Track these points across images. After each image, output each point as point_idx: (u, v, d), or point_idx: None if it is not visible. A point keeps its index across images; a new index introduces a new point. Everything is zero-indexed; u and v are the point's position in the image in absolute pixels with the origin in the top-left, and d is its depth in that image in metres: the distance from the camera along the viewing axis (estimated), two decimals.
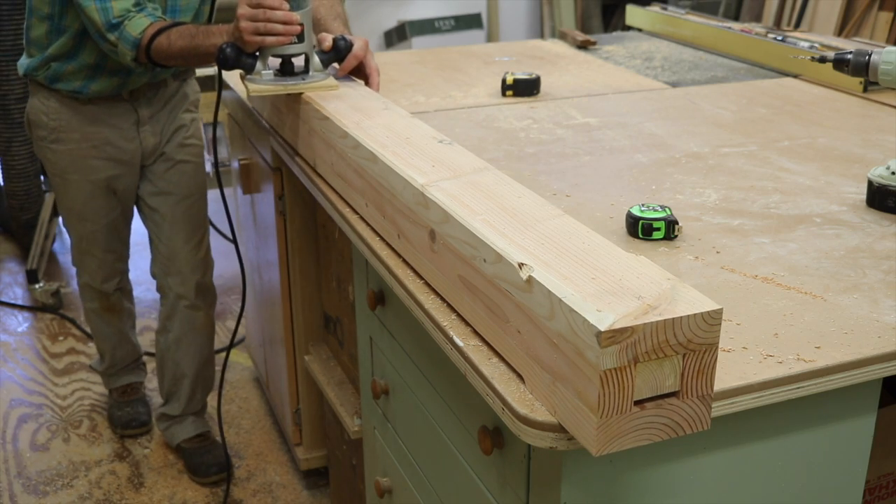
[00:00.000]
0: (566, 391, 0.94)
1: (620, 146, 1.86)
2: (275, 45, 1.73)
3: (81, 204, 2.35)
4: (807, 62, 2.11)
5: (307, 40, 1.77)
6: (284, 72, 1.79)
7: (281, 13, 1.70)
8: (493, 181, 1.28)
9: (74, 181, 2.32)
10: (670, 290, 0.93)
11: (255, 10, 1.70)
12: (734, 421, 1.06)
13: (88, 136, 2.28)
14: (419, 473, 1.51)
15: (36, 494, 2.51)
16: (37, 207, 3.80)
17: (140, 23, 1.97)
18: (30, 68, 2.23)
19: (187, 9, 2.20)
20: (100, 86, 2.21)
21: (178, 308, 2.49)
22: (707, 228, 1.44)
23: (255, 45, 1.73)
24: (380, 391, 1.62)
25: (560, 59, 2.69)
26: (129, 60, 2.00)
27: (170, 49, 1.94)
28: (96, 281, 2.51)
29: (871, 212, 1.51)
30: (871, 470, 1.22)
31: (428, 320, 1.22)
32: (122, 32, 1.96)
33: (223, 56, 1.75)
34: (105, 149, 2.30)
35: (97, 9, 1.97)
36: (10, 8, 3.44)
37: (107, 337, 2.67)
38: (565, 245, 1.06)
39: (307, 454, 2.45)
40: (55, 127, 2.26)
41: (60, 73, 2.19)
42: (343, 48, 1.83)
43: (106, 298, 2.57)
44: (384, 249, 1.41)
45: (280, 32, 1.71)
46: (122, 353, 2.72)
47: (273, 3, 1.70)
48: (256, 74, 1.77)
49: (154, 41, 1.95)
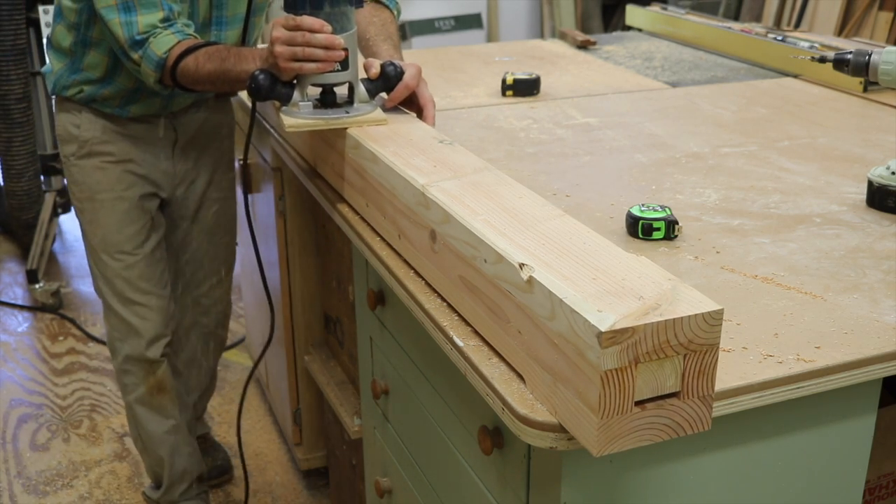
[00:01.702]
0: (567, 392, 0.94)
1: (620, 146, 1.86)
2: (315, 72, 1.51)
3: (115, 230, 2.04)
4: (807, 62, 2.11)
5: (352, 67, 1.54)
6: (325, 103, 1.57)
7: (322, 37, 1.48)
8: (493, 181, 1.28)
9: (107, 201, 2.03)
10: (671, 291, 0.93)
11: (292, 33, 1.49)
12: (734, 421, 1.06)
13: (122, 151, 2.03)
14: (419, 473, 1.51)
15: (36, 494, 2.51)
16: (37, 207, 3.80)
17: (166, 41, 1.74)
18: (59, 87, 1.99)
19: (234, 20, 1.96)
20: (140, 108, 2.00)
21: (192, 331, 2.31)
22: (707, 228, 1.44)
23: (291, 73, 1.52)
24: (380, 391, 1.62)
25: (560, 59, 2.69)
26: (152, 82, 1.78)
27: (197, 72, 1.71)
28: (141, 344, 2.10)
29: (871, 212, 1.51)
30: (871, 470, 1.22)
31: (428, 320, 1.22)
32: (147, 51, 1.74)
33: (255, 85, 1.53)
34: (141, 164, 2.05)
35: (120, 23, 1.75)
36: (11, 8, 3.44)
37: (160, 436, 2.20)
38: (566, 245, 1.06)
39: (307, 454, 2.45)
40: (87, 139, 2.01)
41: (95, 97, 1.97)
42: (392, 76, 1.59)
43: (153, 374, 2.14)
44: (384, 249, 1.41)
45: (321, 59, 1.49)
46: (184, 461, 2.24)
47: (313, 25, 1.48)
48: (293, 106, 1.55)
49: (181, 62, 1.72)
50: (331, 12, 1.50)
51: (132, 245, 2.06)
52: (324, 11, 1.50)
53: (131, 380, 2.15)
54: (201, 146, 2.15)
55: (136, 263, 2.06)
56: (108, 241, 2.05)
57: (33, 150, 3.71)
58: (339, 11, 1.51)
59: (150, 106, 2.00)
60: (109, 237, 2.04)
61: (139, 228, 2.06)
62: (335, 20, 1.50)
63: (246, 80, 1.58)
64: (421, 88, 1.64)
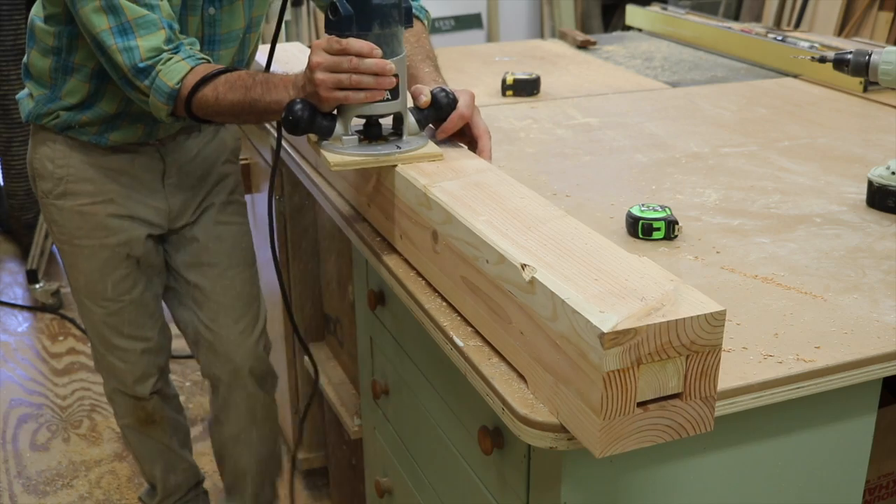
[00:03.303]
0: (569, 393, 0.94)
1: (620, 146, 1.86)
2: (362, 102, 1.33)
3: (97, 279, 1.85)
4: (807, 62, 2.11)
5: (401, 95, 1.37)
6: (370, 135, 1.40)
7: (372, 62, 1.30)
8: (495, 182, 1.28)
9: (86, 248, 1.83)
10: (673, 292, 0.93)
11: (337, 57, 1.30)
12: (734, 421, 1.06)
13: (103, 189, 1.80)
14: (419, 473, 1.51)
15: (36, 494, 2.51)
16: (37, 207, 3.79)
17: (177, 69, 1.51)
18: (32, 115, 1.78)
19: (229, 39, 1.75)
20: (121, 135, 1.77)
21: (233, 397, 2.04)
22: (707, 228, 1.45)
23: (334, 104, 1.34)
24: (380, 391, 1.62)
25: (560, 59, 2.69)
26: (164, 116, 1.55)
27: (218, 104, 1.49)
28: (126, 383, 1.98)
29: (871, 212, 1.51)
30: (871, 470, 1.22)
31: (428, 320, 1.22)
32: (156, 81, 1.51)
33: (293, 117, 1.33)
34: (124, 204, 1.82)
35: (119, 49, 1.52)
36: (10, 8, 3.44)
37: (153, 457, 2.12)
38: (568, 246, 1.06)
39: (307, 454, 2.45)
40: (62, 177, 1.79)
41: (72, 123, 1.76)
42: (445, 104, 1.41)
43: (141, 408, 2.03)
44: (384, 249, 1.41)
45: (370, 87, 1.31)
46: (178, 476, 2.17)
47: (362, 49, 1.29)
48: (335, 140, 1.37)
49: (197, 93, 1.50)
50: (380, 34, 1.32)
51: (116, 292, 1.88)
52: (372, 33, 1.32)
53: (119, 409, 2.07)
54: (197, 175, 1.91)
55: (120, 310, 1.89)
56: (90, 287, 1.87)
57: None
58: (389, 33, 1.33)
59: (132, 133, 1.77)
60: (91, 284, 1.87)
61: (124, 276, 1.87)
62: (385, 43, 1.32)
63: (276, 111, 1.41)
64: (475, 118, 1.45)
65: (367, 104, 1.33)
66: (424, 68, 1.59)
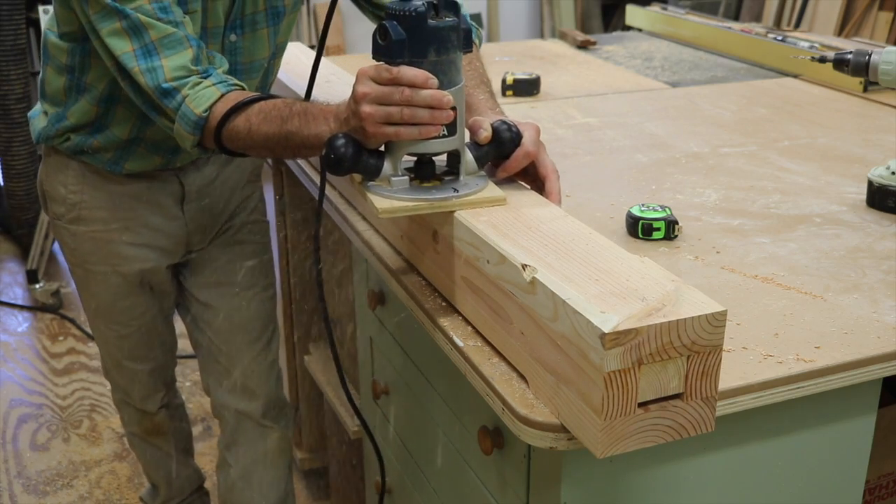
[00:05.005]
0: (570, 393, 0.94)
1: (620, 146, 1.86)
2: (415, 139, 1.16)
3: (109, 303, 1.78)
4: (807, 62, 2.11)
5: (459, 130, 1.18)
6: (423, 175, 1.22)
7: (428, 93, 1.13)
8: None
9: (99, 273, 1.75)
10: (674, 292, 0.93)
11: (387, 88, 1.13)
12: (734, 421, 1.06)
13: (119, 216, 1.70)
14: (419, 473, 1.51)
15: (36, 494, 2.52)
16: (37, 207, 3.80)
17: (205, 95, 1.35)
18: (43, 136, 1.68)
19: (252, 68, 1.62)
20: (137, 164, 1.66)
21: (242, 431, 1.92)
22: (707, 228, 1.45)
23: (382, 140, 1.18)
24: (380, 391, 1.62)
25: (560, 59, 2.69)
26: (189, 146, 1.40)
27: (251, 136, 1.32)
28: (135, 398, 1.93)
29: (871, 212, 1.51)
30: (871, 470, 1.22)
31: (428, 320, 1.22)
32: (182, 107, 1.36)
33: (336, 155, 1.16)
34: (140, 232, 1.72)
35: (141, 71, 1.37)
36: (10, 8, 3.44)
37: (158, 463, 2.08)
38: (569, 246, 1.06)
39: (307, 454, 2.45)
40: (76, 203, 1.70)
41: (84, 147, 1.64)
42: (507, 141, 1.23)
43: (149, 419, 1.98)
44: (384, 249, 1.41)
45: (426, 121, 1.14)
46: (182, 481, 2.12)
47: (416, 79, 1.12)
48: (383, 181, 1.20)
49: (228, 123, 1.33)
50: (436, 61, 1.14)
51: (127, 317, 1.80)
52: (428, 60, 1.14)
53: (126, 417, 2.02)
54: (217, 199, 1.79)
55: (131, 334, 1.83)
56: (101, 311, 1.81)
57: (33, 151, 3.71)
58: (446, 60, 1.15)
59: (148, 162, 1.66)
60: (102, 308, 1.80)
61: (136, 301, 1.79)
62: (441, 71, 1.14)
63: (314, 146, 1.25)
64: (542, 156, 1.27)
65: (421, 141, 1.16)
66: (479, 95, 1.42)
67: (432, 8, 1.14)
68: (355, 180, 1.23)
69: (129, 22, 1.37)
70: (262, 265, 1.89)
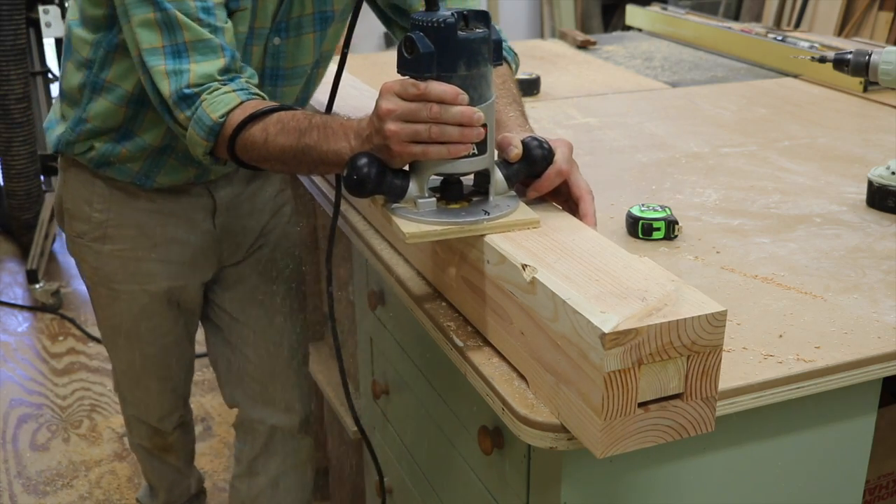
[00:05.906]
0: (570, 393, 0.94)
1: (620, 146, 1.86)
2: (443, 158, 1.08)
3: (133, 322, 1.70)
4: (807, 62, 2.11)
5: (489, 149, 1.12)
6: (450, 196, 1.15)
7: (458, 110, 1.05)
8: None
9: (125, 293, 1.66)
10: (675, 292, 0.93)
11: (414, 104, 1.06)
12: (734, 421, 1.06)
13: (148, 233, 1.62)
14: (419, 473, 1.51)
15: (36, 494, 2.52)
16: (37, 207, 3.80)
17: (224, 100, 1.28)
18: (62, 143, 1.57)
19: (294, 74, 1.55)
20: (168, 178, 1.57)
21: (276, 443, 1.86)
22: (707, 228, 1.45)
23: (408, 159, 1.10)
24: (380, 391, 1.62)
25: (560, 59, 2.69)
26: (201, 154, 1.32)
27: (266, 147, 1.24)
28: (151, 417, 1.87)
29: (871, 212, 1.51)
30: (871, 470, 1.22)
31: (428, 320, 1.22)
32: (197, 111, 1.29)
33: (358, 176, 1.09)
34: (170, 249, 1.64)
35: (166, 71, 1.30)
36: (10, 8, 3.44)
37: (162, 474, 2.05)
38: (569, 246, 1.06)
39: None
40: (101, 221, 1.61)
41: (110, 158, 1.55)
42: (539, 159, 1.17)
43: (162, 438, 1.91)
44: (384, 249, 1.41)
45: (455, 140, 1.07)
46: (182, 489, 2.09)
47: (445, 94, 1.05)
48: (408, 203, 1.12)
49: (243, 132, 1.25)
50: (467, 75, 1.07)
51: (152, 336, 1.73)
52: (457, 75, 1.07)
53: (136, 432, 1.94)
54: (250, 210, 1.72)
55: (153, 354, 1.75)
56: (122, 329, 1.72)
57: (33, 151, 3.72)
58: (477, 74, 1.08)
59: (181, 174, 1.57)
60: (124, 326, 1.72)
61: (162, 320, 1.71)
62: (472, 86, 1.07)
63: (332, 163, 1.17)
64: (575, 175, 1.21)
65: (449, 161, 1.09)
66: (510, 112, 1.33)
67: (462, 18, 1.07)
68: (377, 203, 1.15)
69: (164, 15, 1.30)
70: (295, 274, 1.84)
